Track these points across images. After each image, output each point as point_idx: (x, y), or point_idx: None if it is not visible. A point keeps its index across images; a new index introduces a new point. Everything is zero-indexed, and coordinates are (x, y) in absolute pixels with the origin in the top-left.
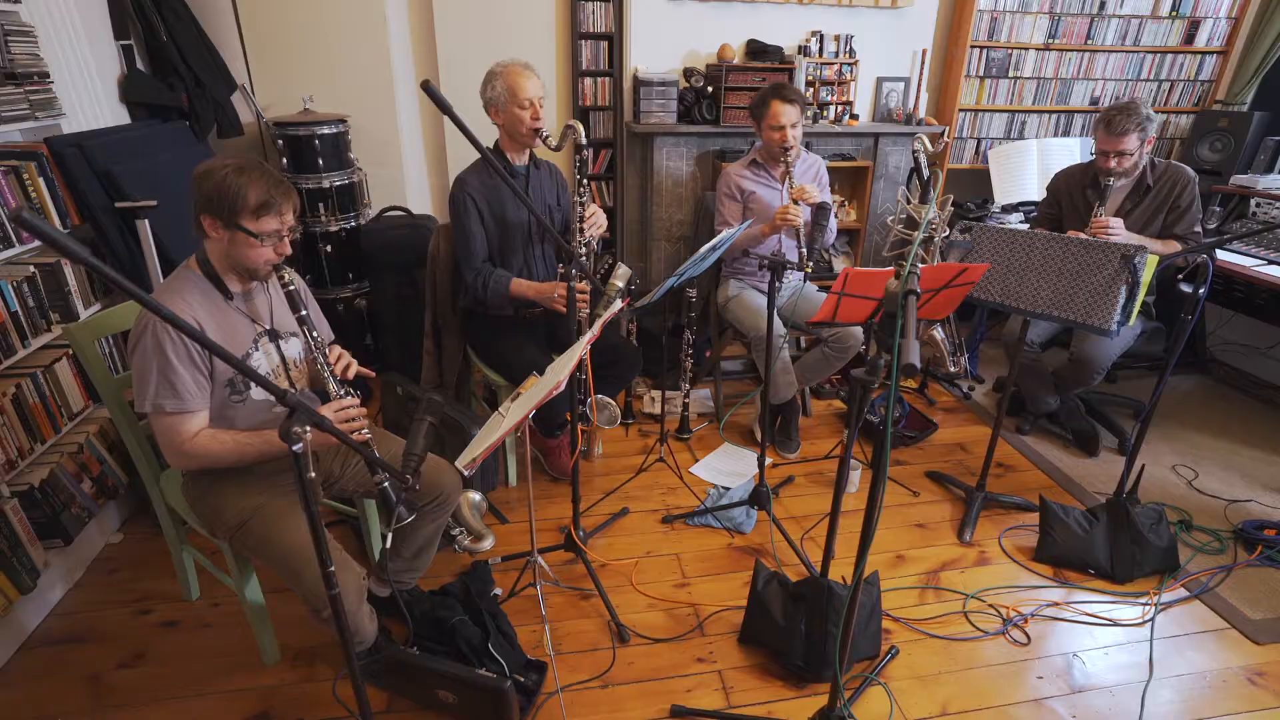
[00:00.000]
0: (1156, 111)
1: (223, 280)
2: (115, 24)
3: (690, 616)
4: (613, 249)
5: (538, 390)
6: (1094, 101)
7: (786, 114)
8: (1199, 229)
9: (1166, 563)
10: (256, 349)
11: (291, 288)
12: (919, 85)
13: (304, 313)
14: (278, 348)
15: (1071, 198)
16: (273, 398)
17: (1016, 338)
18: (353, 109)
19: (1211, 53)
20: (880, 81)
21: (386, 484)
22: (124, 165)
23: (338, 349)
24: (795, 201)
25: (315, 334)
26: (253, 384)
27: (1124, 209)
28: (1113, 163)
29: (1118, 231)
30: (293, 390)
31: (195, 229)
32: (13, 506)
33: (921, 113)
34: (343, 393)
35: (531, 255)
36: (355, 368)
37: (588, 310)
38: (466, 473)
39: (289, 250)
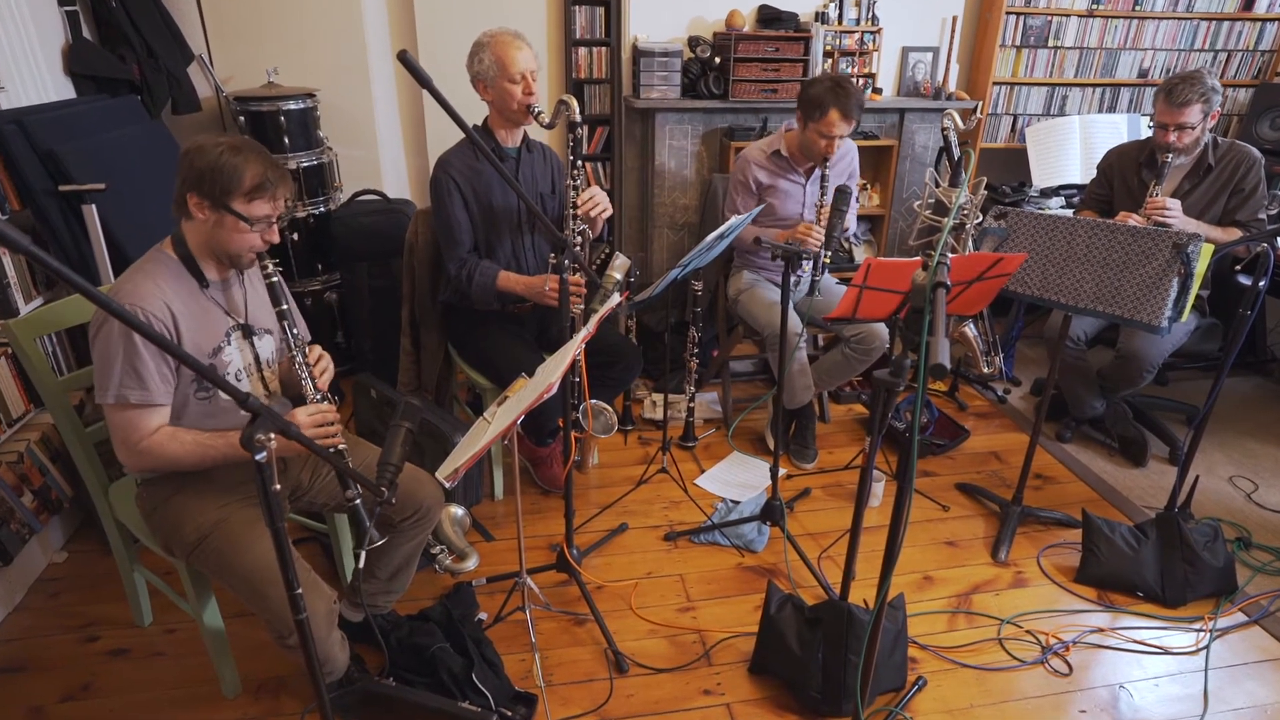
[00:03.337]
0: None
1: (199, 266)
2: None
3: (695, 644)
4: (610, 238)
5: (527, 394)
6: (1142, 74)
7: (841, 128)
8: (1264, 215)
9: (1223, 584)
10: (229, 343)
11: (274, 279)
12: (949, 56)
13: (285, 306)
14: (251, 344)
15: (1124, 178)
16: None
17: (1057, 335)
18: (322, 82)
19: (1272, 20)
20: (906, 52)
21: (358, 502)
22: (69, 144)
23: (318, 349)
24: (819, 222)
25: (295, 330)
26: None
27: (1182, 190)
28: (1172, 137)
29: (1175, 214)
30: (254, 395)
31: (176, 209)
32: None
33: (952, 86)
34: (319, 397)
35: (521, 245)
36: (331, 373)
37: (582, 305)
38: (448, 485)
39: (276, 238)
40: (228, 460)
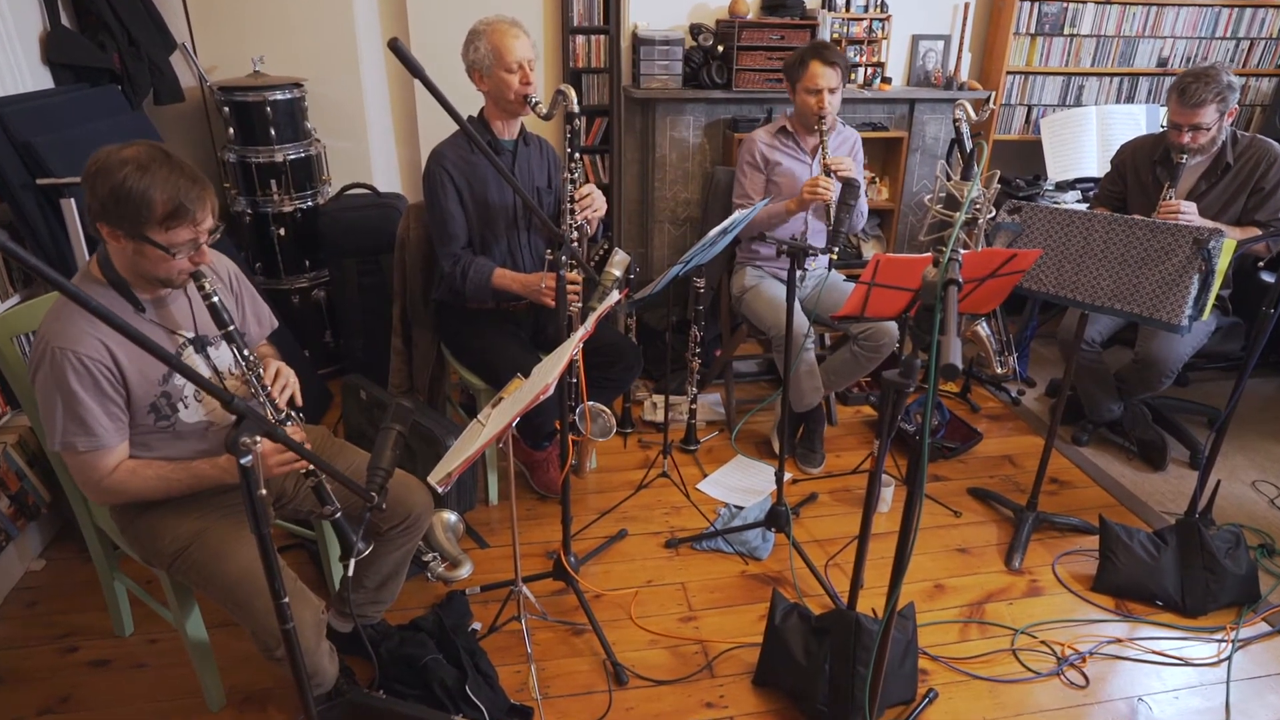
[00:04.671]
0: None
1: (131, 290)
2: None
3: (697, 655)
4: (609, 233)
5: (522, 395)
6: (1161, 63)
7: (827, 77)
8: None
9: (1245, 593)
10: None
11: (214, 299)
12: (961, 44)
13: (231, 328)
14: (206, 357)
15: (1138, 174)
16: (206, 420)
17: (1073, 335)
18: (310, 72)
19: None
20: (916, 40)
21: (338, 516)
22: (47, 136)
23: (275, 366)
24: (828, 173)
25: (246, 353)
26: (180, 406)
27: (1198, 190)
28: (1186, 138)
29: (1189, 217)
30: (238, 396)
31: (93, 230)
32: None
33: (964, 76)
34: (282, 418)
35: (517, 242)
36: (294, 389)
37: (580, 303)
38: (440, 490)
39: (208, 258)
40: (192, 490)
